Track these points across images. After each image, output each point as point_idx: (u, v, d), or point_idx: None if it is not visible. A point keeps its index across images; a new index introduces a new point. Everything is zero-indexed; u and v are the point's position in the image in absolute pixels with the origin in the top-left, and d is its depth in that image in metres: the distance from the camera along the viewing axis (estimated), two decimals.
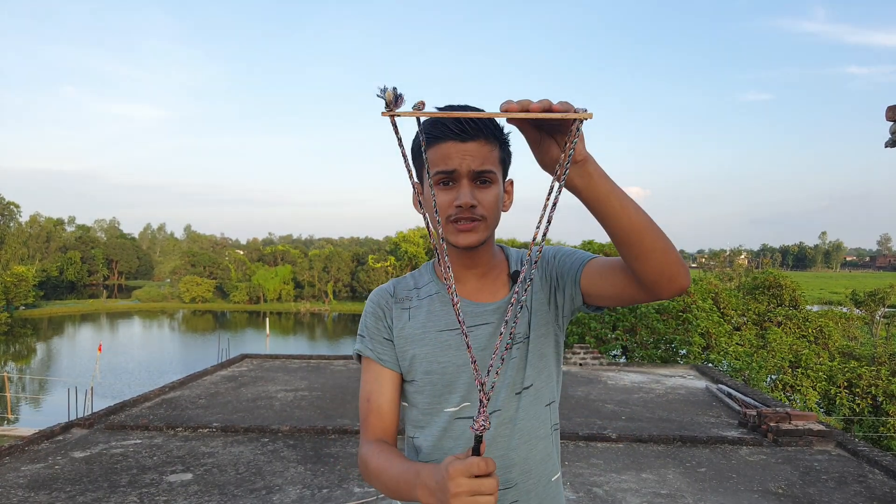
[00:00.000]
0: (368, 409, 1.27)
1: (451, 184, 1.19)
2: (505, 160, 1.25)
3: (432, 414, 1.26)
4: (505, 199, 1.27)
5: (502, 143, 1.23)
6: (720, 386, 8.20)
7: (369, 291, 1.33)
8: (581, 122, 0.94)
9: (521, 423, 1.24)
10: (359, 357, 1.34)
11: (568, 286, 1.27)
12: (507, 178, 1.28)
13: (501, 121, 1.21)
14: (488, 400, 0.99)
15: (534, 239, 1.00)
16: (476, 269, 1.28)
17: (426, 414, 1.27)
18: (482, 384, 1.00)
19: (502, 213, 1.27)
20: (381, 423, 1.26)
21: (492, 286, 1.29)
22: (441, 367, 1.24)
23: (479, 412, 0.97)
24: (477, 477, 0.94)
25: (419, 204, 1.24)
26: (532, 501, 1.25)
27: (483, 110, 1.15)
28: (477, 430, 0.96)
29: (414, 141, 1.23)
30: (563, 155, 0.97)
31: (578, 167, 0.99)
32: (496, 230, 1.28)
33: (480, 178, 1.19)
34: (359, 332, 1.34)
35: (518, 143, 1.27)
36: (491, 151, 1.20)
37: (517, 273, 1.30)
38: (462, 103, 1.20)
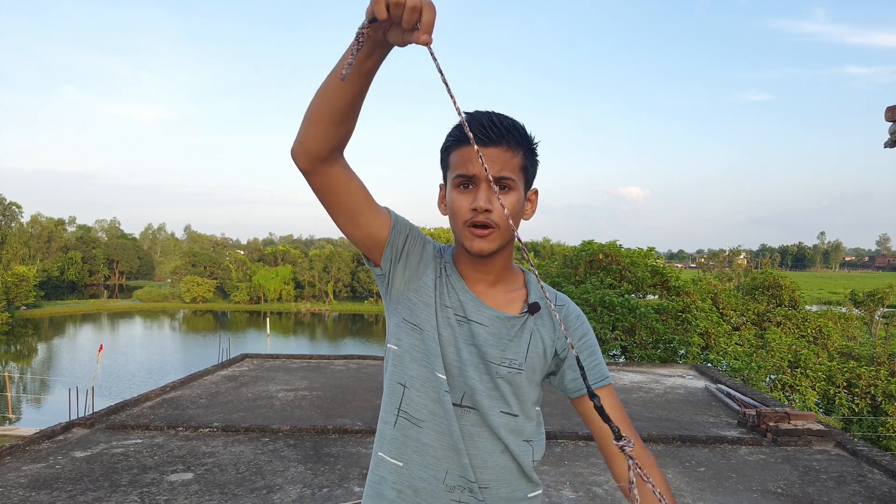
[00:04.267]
0: None
1: (469, 187, 1.20)
2: (527, 168, 1.23)
3: (424, 368, 1.24)
4: (527, 207, 1.26)
5: (527, 150, 1.22)
6: (719, 386, 8.21)
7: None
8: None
9: (504, 437, 1.24)
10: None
11: (567, 381, 1.31)
12: (532, 188, 1.27)
13: (529, 128, 1.23)
14: None
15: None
16: (488, 275, 1.27)
17: (417, 363, 1.25)
18: None
19: (523, 220, 1.26)
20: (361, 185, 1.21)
21: (501, 297, 1.28)
22: (433, 334, 1.23)
23: None
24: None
25: (444, 206, 1.29)
26: None
27: (508, 116, 1.22)
28: None
29: (443, 145, 1.27)
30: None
31: None
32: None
33: (500, 184, 1.18)
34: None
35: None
36: (512, 158, 1.19)
37: (536, 305, 1.28)
38: (491, 111, 1.22)
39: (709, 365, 13.52)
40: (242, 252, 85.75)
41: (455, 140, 1.21)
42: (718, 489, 4.75)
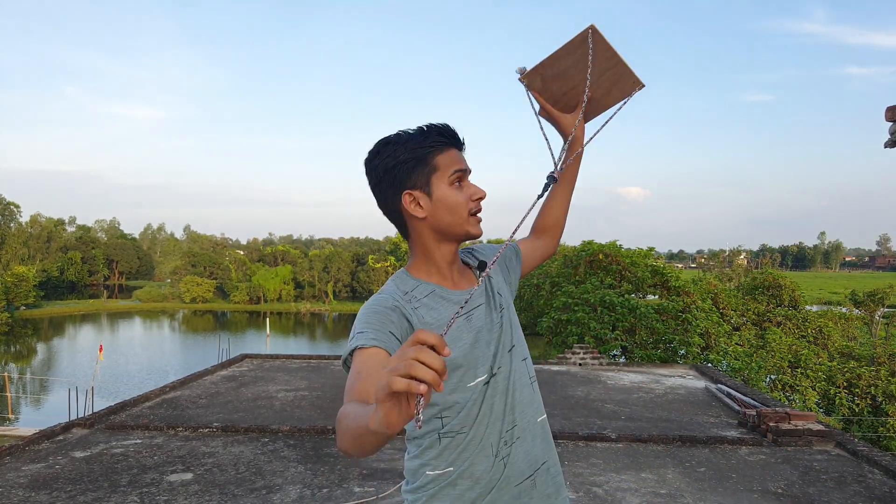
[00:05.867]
0: (356, 379, 1.13)
1: (459, 184, 1.40)
2: None
3: (456, 392, 1.36)
4: None
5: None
6: (720, 386, 8.20)
7: (369, 292, 1.49)
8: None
9: (514, 374, 1.44)
10: (346, 365, 1.24)
11: (515, 268, 1.64)
12: None
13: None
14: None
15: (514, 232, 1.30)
16: (455, 263, 1.47)
17: (450, 395, 1.35)
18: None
19: None
20: (368, 389, 1.12)
21: (464, 277, 1.49)
22: (458, 351, 1.36)
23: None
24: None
25: (420, 209, 1.38)
26: (528, 436, 1.43)
27: (456, 133, 1.42)
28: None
29: (417, 150, 1.37)
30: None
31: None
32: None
33: (467, 174, 1.43)
34: (356, 332, 1.26)
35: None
36: (464, 155, 1.46)
37: (484, 263, 1.54)
38: (443, 122, 1.41)
39: (709, 365, 13.52)
40: (242, 252, 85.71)
41: (440, 145, 1.38)
42: (719, 489, 4.75)
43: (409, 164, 1.37)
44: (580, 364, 10.32)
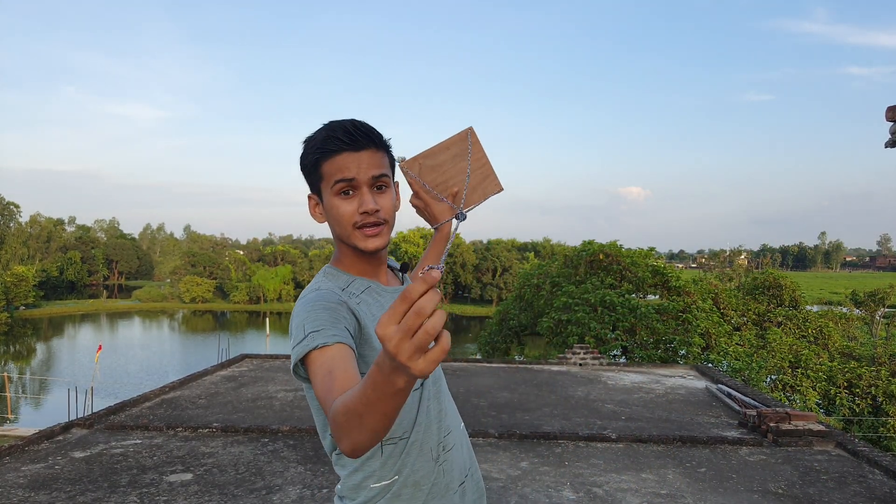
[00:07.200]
0: (332, 379, 1.07)
1: (351, 193, 1.31)
2: (392, 165, 1.40)
3: None
4: (395, 200, 1.41)
5: (387, 150, 1.36)
6: (720, 386, 8.19)
7: None
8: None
9: (440, 380, 1.46)
10: (297, 372, 1.20)
11: None
12: (395, 181, 1.44)
13: (381, 129, 1.38)
14: None
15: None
16: (382, 265, 1.44)
17: None
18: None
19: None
20: (351, 384, 1.06)
21: (392, 276, 1.50)
22: None
23: None
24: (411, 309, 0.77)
25: (320, 215, 1.38)
26: (459, 443, 1.46)
27: (371, 126, 1.33)
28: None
29: (308, 157, 1.34)
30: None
31: None
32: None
33: (377, 184, 1.32)
34: (309, 330, 1.17)
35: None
36: (382, 158, 1.33)
37: (406, 265, 1.51)
38: (350, 118, 1.32)
39: (709, 365, 13.50)
40: (242, 252, 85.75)
41: (327, 151, 1.29)
42: (719, 490, 4.74)
43: (306, 169, 1.35)
44: (580, 364, 10.32)
